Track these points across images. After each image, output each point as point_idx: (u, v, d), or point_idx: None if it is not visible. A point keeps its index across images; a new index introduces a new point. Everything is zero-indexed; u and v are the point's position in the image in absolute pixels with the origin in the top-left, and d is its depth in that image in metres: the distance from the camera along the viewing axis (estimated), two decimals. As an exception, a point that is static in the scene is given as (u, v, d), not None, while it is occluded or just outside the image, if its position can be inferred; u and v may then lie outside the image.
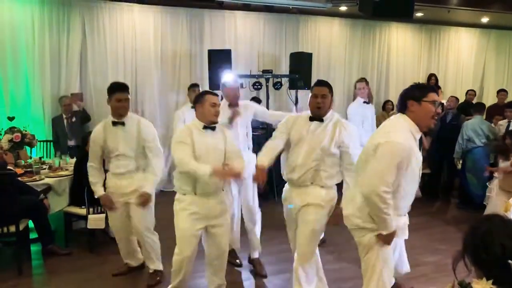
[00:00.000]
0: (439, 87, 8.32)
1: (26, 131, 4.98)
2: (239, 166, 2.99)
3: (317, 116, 2.93)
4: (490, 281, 1.32)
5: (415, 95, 2.44)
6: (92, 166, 3.54)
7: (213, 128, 3.02)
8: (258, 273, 3.86)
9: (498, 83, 8.98)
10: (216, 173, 2.78)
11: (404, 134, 2.39)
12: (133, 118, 3.53)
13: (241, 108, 3.82)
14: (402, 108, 2.50)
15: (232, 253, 3.91)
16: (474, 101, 7.64)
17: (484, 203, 5.38)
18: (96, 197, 3.57)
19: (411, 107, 2.43)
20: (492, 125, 6.17)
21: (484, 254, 1.35)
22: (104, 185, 3.59)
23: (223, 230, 3.13)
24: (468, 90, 7.84)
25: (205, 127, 3.00)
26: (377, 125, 7.06)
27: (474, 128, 5.93)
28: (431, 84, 8.21)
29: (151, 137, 3.53)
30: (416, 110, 2.42)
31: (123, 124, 3.47)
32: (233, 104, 3.83)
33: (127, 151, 3.46)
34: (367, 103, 5.68)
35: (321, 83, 2.99)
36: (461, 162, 6.18)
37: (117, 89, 3.45)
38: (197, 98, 3.08)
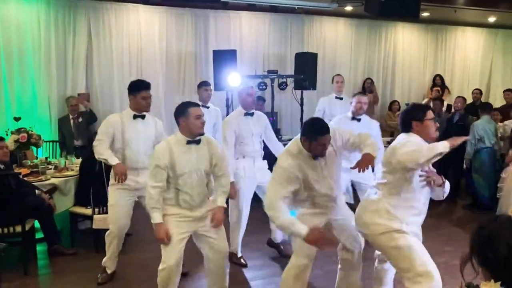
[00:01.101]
0: (446, 87, 8.27)
1: (32, 131, 5.00)
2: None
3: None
4: (498, 283, 1.30)
5: (418, 116, 2.71)
6: (101, 141, 3.46)
7: (198, 142, 2.90)
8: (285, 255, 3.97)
9: (505, 83, 8.90)
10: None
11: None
12: (148, 114, 3.69)
13: (255, 118, 3.95)
14: (407, 127, 2.75)
15: (234, 257, 3.94)
16: (482, 100, 7.59)
17: (497, 196, 5.45)
18: (112, 164, 3.42)
19: (415, 127, 2.72)
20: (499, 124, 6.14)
21: (490, 254, 1.33)
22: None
23: (217, 232, 2.99)
24: (473, 90, 7.78)
25: (188, 142, 2.88)
26: (384, 127, 6.97)
27: (484, 128, 5.88)
28: (437, 84, 8.18)
29: (162, 130, 3.77)
30: (420, 129, 2.71)
31: (143, 117, 3.61)
32: (249, 112, 3.91)
33: (147, 144, 3.56)
34: (340, 99, 5.62)
35: (324, 131, 2.71)
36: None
37: (143, 87, 3.57)
38: (179, 111, 2.91)
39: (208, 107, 4.99)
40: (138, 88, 3.56)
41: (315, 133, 2.69)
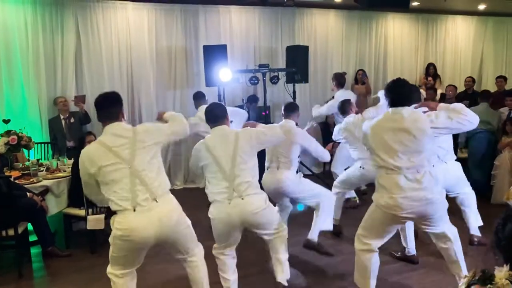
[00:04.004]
0: (438, 76, 8.29)
1: (22, 133, 4.94)
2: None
3: None
4: None
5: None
6: None
7: None
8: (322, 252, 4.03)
9: (496, 71, 8.93)
10: None
11: None
12: None
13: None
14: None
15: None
16: (474, 88, 7.61)
17: (491, 183, 5.55)
18: None
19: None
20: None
21: (500, 234, 1.31)
22: None
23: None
24: (466, 78, 7.79)
25: None
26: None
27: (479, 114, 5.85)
28: (430, 73, 8.20)
29: None
30: None
31: None
32: None
33: None
34: None
35: None
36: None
37: None
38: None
39: None
40: None
41: None
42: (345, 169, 4.83)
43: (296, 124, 3.98)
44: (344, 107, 4.63)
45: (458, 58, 9.00)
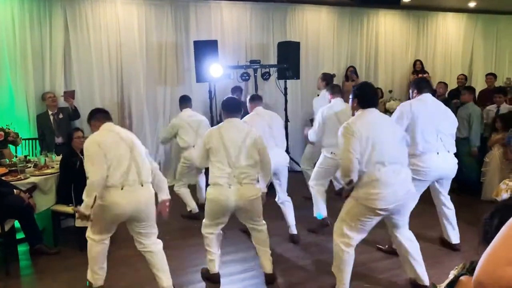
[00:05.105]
0: (426, 72, 8.32)
1: (9, 129, 4.86)
2: None
3: None
4: None
5: None
6: None
7: None
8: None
9: (486, 68, 9.00)
10: None
11: None
12: None
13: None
14: None
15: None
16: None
17: (481, 180, 5.60)
18: None
19: None
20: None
21: (488, 227, 1.31)
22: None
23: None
24: (458, 75, 7.83)
25: None
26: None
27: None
28: (417, 69, 8.22)
29: None
30: None
31: None
32: None
33: None
34: None
35: None
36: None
37: None
38: None
39: None
40: None
41: None
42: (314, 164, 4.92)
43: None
44: None
45: (449, 55, 9.05)
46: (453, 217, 4.06)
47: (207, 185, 3.46)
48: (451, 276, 1.37)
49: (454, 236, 4.05)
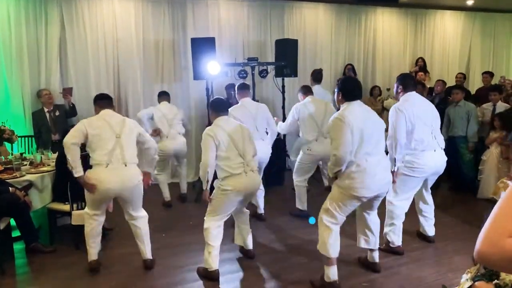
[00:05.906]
0: (427, 71, 8.31)
1: (5, 126, 4.82)
2: None
3: None
4: None
5: None
6: None
7: None
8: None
9: (484, 66, 9.00)
10: None
11: None
12: None
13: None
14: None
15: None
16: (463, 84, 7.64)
17: (477, 178, 5.60)
18: None
19: None
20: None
21: None
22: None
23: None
24: (457, 74, 7.81)
25: None
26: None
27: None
28: (419, 67, 8.21)
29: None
30: None
31: None
32: None
33: None
34: None
35: None
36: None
37: None
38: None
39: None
40: None
41: None
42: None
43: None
44: None
45: (446, 53, 9.04)
46: (431, 212, 4.20)
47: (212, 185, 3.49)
48: (463, 280, 1.34)
49: (429, 228, 4.21)
